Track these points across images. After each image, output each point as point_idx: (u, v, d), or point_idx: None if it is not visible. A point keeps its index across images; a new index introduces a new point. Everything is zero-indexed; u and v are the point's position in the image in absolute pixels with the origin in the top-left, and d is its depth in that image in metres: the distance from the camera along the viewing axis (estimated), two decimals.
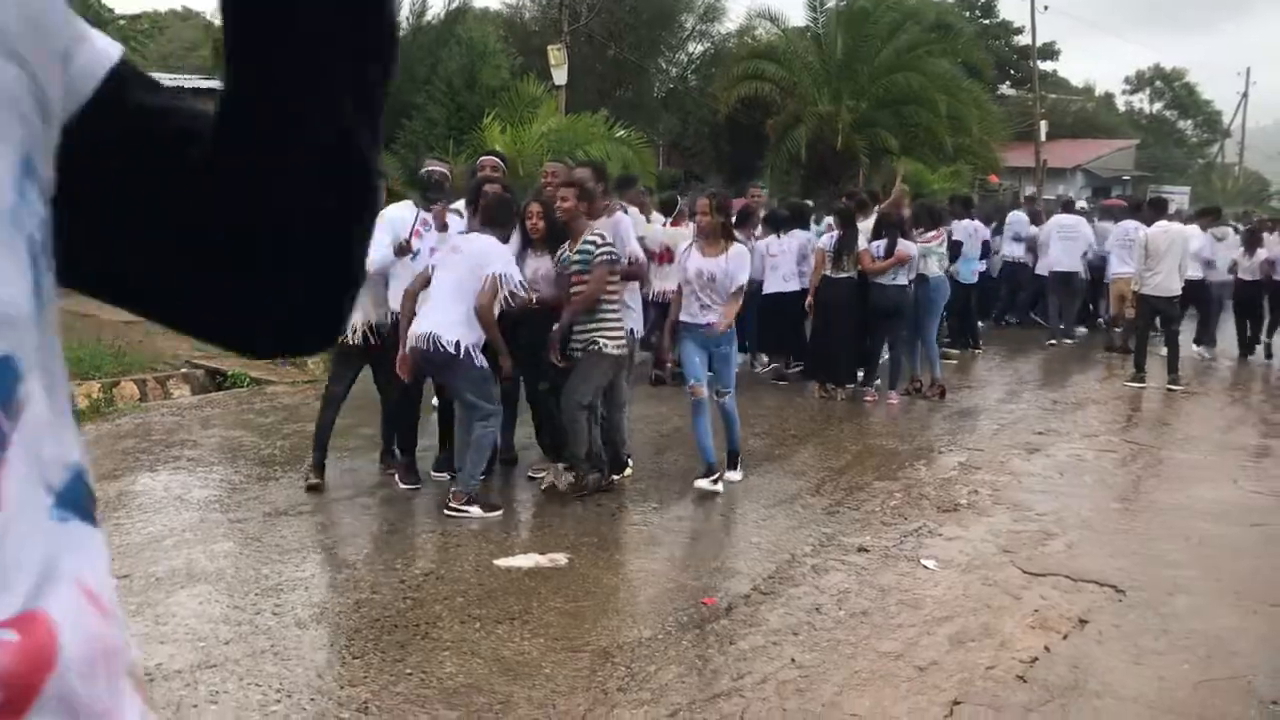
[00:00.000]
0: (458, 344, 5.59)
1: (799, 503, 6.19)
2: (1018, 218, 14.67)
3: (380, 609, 4.46)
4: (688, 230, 9.36)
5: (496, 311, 5.71)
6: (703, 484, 6.27)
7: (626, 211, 7.38)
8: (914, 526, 5.72)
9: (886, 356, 9.59)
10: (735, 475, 6.55)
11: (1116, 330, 13.09)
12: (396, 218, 6.07)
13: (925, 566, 5.11)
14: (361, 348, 5.97)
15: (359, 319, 5.89)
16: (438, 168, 6.51)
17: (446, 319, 5.63)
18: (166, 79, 19.07)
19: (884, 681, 3.87)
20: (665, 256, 9.39)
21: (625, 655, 4.04)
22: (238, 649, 4.04)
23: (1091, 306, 14.92)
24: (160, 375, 9.37)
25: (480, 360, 5.70)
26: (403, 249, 5.95)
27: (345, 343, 5.84)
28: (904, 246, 9.00)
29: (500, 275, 5.66)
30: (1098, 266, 13.70)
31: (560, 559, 5.12)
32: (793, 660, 4.00)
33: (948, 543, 5.47)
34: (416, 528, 5.54)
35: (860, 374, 9.51)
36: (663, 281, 9.37)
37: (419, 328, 5.72)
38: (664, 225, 9.72)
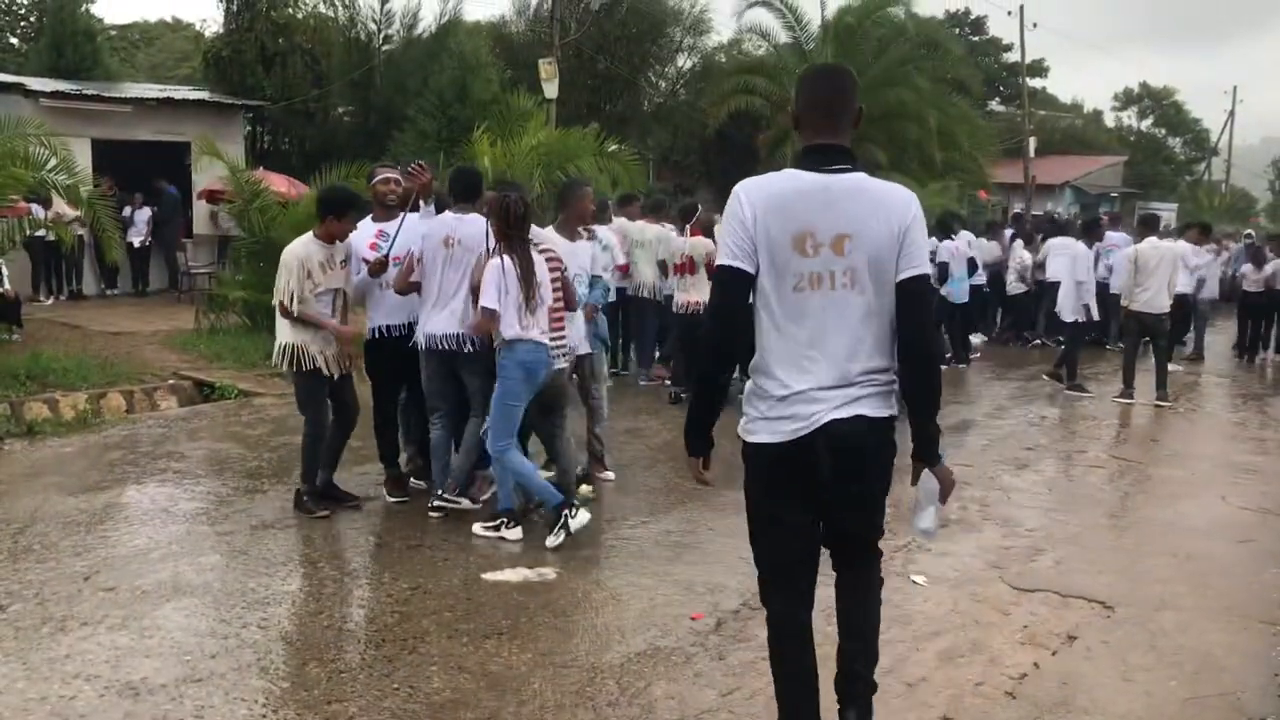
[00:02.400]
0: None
1: None
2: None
3: (367, 623, 4.44)
4: (708, 240, 9.30)
5: None
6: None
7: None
8: (903, 542, 5.71)
9: None
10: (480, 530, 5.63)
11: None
12: (353, 244, 6.03)
13: (914, 582, 5.11)
14: (326, 374, 5.81)
15: (317, 350, 5.71)
16: (391, 174, 6.27)
17: (462, 315, 5.67)
18: (156, 89, 19.06)
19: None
20: (687, 267, 9.20)
21: (614, 670, 4.02)
22: (224, 663, 4.01)
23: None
24: (147, 387, 9.33)
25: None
26: (379, 267, 5.90)
27: (312, 373, 5.75)
28: None
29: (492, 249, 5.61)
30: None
31: (549, 573, 5.10)
32: None
33: (937, 558, 5.47)
34: (404, 541, 5.51)
35: None
36: (685, 293, 9.21)
37: (433, 328, 5.71)
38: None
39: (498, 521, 5.60)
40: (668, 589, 4.94)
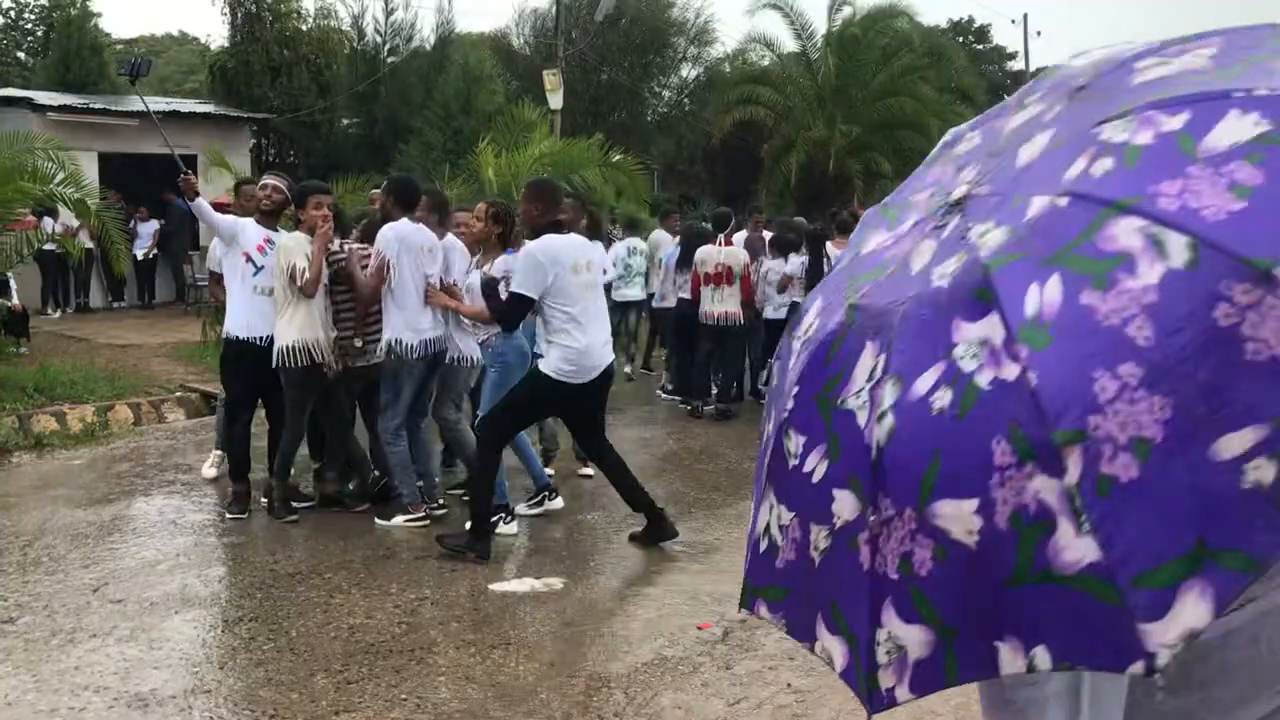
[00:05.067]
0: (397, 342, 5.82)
1: None
2: None
3: (375, 634, 4.45)
4: (743, 251, 9.23)
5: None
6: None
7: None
8: None
9: None
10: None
11: None
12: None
13: None
14: (325, 370, 5.86)
15: (318, 344, 5.78)
16: (271, 180, 6.35)
17: (441, 318, 5.94)
18: (163, 103, 19.15)
19: None
20: (725, 277, 8.89)
21: (621, 681, 4.03)
22: (232, 674, 4.03)
23: None
24: (155, 399, 9.36)
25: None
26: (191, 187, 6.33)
27: (310, 369, 5.76)
28: None
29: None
30: None
31: (556, 584, 5.12)
32: (789, 685, 4.00)
33: None
34: (411, 552, 5.53)
35: None
36: (719, 305, 8.91)
37: (426, 333, 5.81)
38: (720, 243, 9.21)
39: (495, 518, 5.70)
40: (674, 599, 4.95)
